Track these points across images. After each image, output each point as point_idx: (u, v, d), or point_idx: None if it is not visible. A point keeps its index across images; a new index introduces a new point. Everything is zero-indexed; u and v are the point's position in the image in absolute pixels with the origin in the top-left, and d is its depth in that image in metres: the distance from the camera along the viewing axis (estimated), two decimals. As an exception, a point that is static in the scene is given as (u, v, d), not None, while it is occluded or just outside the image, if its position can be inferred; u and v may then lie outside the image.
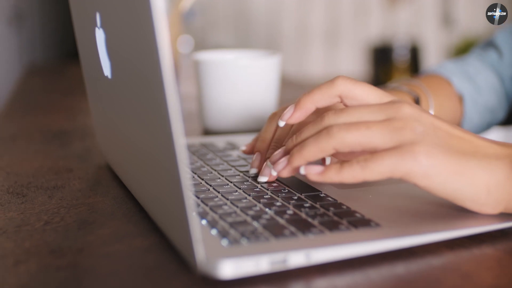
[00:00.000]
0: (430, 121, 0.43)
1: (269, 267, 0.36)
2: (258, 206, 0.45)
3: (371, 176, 0.41)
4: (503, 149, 0.43)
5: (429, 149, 0.40)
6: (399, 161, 0.40)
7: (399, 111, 0.43)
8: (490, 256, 0.40)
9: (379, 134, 0.41)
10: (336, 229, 0.41)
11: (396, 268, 0.38)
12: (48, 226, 0.45)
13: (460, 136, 0.43)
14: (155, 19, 0.31)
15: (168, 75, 0.32)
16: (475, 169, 0.41)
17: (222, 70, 0.73)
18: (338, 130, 0.42)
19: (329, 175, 0.42)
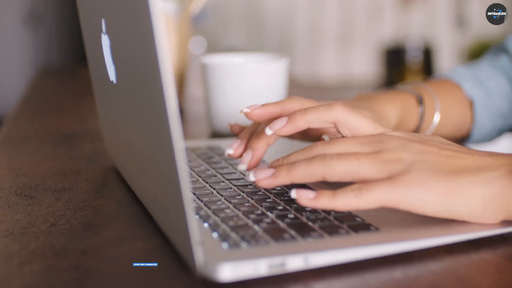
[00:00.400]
0: (418, 149, 0.43)
1: (267, 270, 0.37)
2: (260, 209, 0.45)
3: (365, 205, 0.41)
4: (496, 159, 0.43)
5: (418, 176, 0.41)
6: (392, 190, 0.41)
7: (387, 143, 0.44)
8: (488, 261, 0.40)
9: (369, 165, 0.42)
10: (336, 233, 0.41)
11: (394, 272, 0.38)
12: (54, 228, 0.45)
13: (450, 155, 0.43)
14: (154, 25, 0.32)
15: (167, 81, 0.33)
16: (468, 185, 0.41)
17: (229, 74, 0.74)
18: (331, 158, 0.43)
19: (322, 201, 0.41)
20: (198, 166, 0.58)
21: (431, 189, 0.41)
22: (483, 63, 0.76)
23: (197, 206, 0.46)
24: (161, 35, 0.32)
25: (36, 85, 1.27)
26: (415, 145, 0.43)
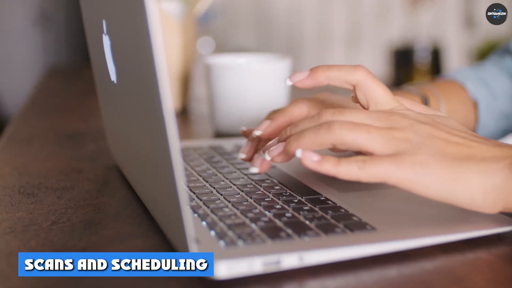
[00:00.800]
0: (427, 131, 0.43)
1: (262, 268, 0.37)
2: (258, 208, 0.46)
3: (366, 178, 0.41)
4: (502, 150, 0.43)
5: (424, 159, 0.41)
6: (396, 168, 0.41)
7: (397, 121, 0.44)
8: (483, 261, 0.40)
9: (379, 140, 0.42)
10: (332, 232, 0.42)
11: (389, 271, 0.39)
12: (55, 226, 0.46)
13: (458, 142, 0.44)
14: (150, 26, 0.33)
15: (163, 81, 0.33)
16: (471, 173, 0.42)
17: (233, 74, 0.75)
18: (340, 127, 0.42)
19: (326, 166, 0.41)
20: (199, 165, 0.58)
21: (434, 173, 0.41)
22: (488, 64, 0.76)
23: (196, 205, 0.47)
24: (156, 35, 0.33)
25: (43, 85, 1.28)
26: (425, 127, 0.43)
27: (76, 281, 0.38)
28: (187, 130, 0.86)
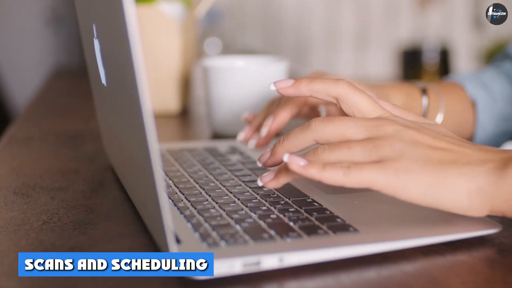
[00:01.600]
0: (411, 137, 0.44)
1: (242, 268, 0.38)
2: (244, 210, 0.47)
3: (350, 183, 0.42)
4: (486, 155, 0.44)
5: (406, 164, 0.42)
6: (379, 174, 0.42)
7: (381, 129, 0.44)
8: (463, 263, 0.41)
9: (360, 152, 0.43)
10: (315, 233, 0.42)
11: (368, 273, 0.39)
12: (46, 226, 0.47)
13: (443, 147, 0.44)
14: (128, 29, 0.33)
15: (141, 84, 0.34)
16: (454, 177, 0.42)
17: (230, 76, 0.75)
18: (322, 152, 0.44)
19: (311, 171, 0.42)
20: (191, 167, 0.59)
21: (418, 178, 0.42)
22: (488, 69, 0.76)
23: (183, 206, 0.47)
24: (135, 39, 0.33)
25: (48, 86, 1.30)
26: (409, 133, 0.44)
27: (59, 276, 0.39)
28: (186, 132, 0.87)
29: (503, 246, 0.43)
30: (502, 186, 0.42)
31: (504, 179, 0.42)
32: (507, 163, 0.42)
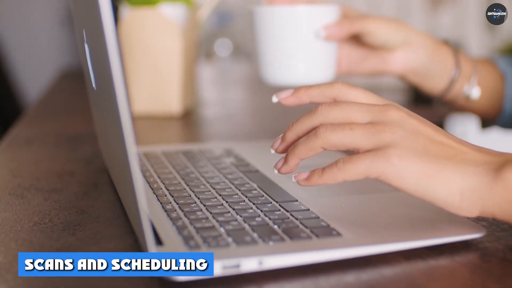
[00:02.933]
0: (413, 126, 0.44)
1: (221, 271, 0.38)
2: (231, 212, 0.47)
3: (348, 177, 0.43)
4: (483, 156, 0.44)
5: (403, 152, 0.42)
6: (373, 162, 0.42)
7: (386, 114, 0.45)
8: (444, 268, 0.41)
9: (361, 136, 0.44)
10: (297, 237, 0.42)
11: (347, 276, 0.39)
12: (36, 227, 0.48)
13: (442, 142, 0.44)
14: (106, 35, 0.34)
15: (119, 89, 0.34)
16: (449, 173, 0.42)
17: (277, 20, 0.71)
18: (324, 131, 0.45)
19: (313, 179, 0.45)
20: (184, 169, 0.60)
21: (412, 167, 0.42)
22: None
23: (171, 208, 0.48)
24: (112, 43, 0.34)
25: (54, 87, 1.31)
26: (412, 122, 0.45)
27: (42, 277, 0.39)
28: (187, 134, 0.88)
29: (486, 251, 0.43)
30: (494, 188, 0.42)
31: (496, 182, 0.42)
32: (502, 166, 0.42)
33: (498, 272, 0.40)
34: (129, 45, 0.91)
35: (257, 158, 0.64)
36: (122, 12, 0.92)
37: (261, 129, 0.89)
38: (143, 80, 0.92)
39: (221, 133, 0.89)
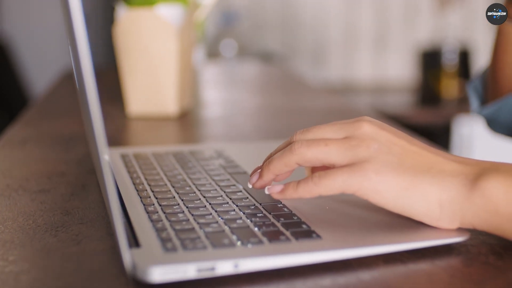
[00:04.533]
0: (387, 138, 0.44)
1: (196, 274, 0.38)
2: (213, 215, 0.47)
3: (324, 191, 0.44)
4: (460, 166, 0.43)
5: (379, 166, 0.42)
6: (350, 178, 0.43)
7: (358, 129, 0.45)
8: (423, 272, 0.40)
9: (336, 151, 0.44)
10: (276, 239, 0.42)
11: (324, 280, 0.39)
12: (20, 228, 0.48)
13: (417, 152, 0.44)
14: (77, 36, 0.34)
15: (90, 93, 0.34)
16: (426, 184, 0.42)
17: None
18: (299, 147, 0.45)
19: (288, 192, 0.46)
20: (172, 171, 0.60)
21: (389, 181, 0.42)
22: None
23: (153, 210, 0.48)
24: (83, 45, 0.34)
25: (55, 88, 1.32)
26: (385, 134, 0.44)
27: (16, 274, 0.39)
28: (182, 135, 0.87)
29: (468, 255, 0.43)
30: (472, 198, 0.42)
31: (474, 192, 0.42)
32: (479, 176, 0.42)
33: (478, 276, 0.40)
34: (125, 46, 0.91)
35: (247, 160, 0.63)
36: (118, 13, 0.92)
37: (257, 131, 0.88)
38: (139, 81, 0.92)
39: (217, 134, 0.89)
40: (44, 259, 0.43)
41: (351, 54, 2.94)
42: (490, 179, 0.41)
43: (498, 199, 0.41)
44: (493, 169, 0.42)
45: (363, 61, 2.95)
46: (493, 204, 0.41)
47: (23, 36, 2.85)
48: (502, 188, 0.41)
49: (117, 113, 0.97)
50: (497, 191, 0.41)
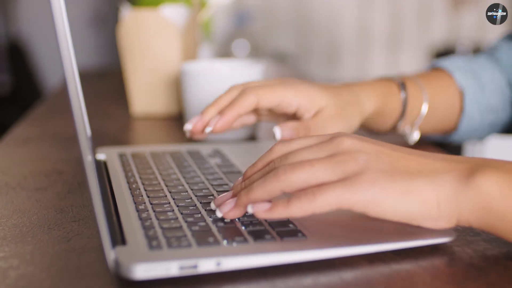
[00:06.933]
0: (372, 148, 0.43)
1: (178, 271, 0.39)
2: (202, 213, 0.47)
3: (319, 209, 0.41)
4: (449, 163, 0.43)
5: (373, 176, 0.41)
6: (346, 191, 0.40)
7: (340, 145, 0.43)
8: (406, 272, 0.41)
9: (324, 170, 0.42)
10: (261, 238, 0.43)
11: (305, 279, 0.39)
12: (13, 225, 0.49)
13: (404, 157, 0.43)
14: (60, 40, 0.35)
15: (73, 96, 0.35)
16: (423, 186, 0.41)
17: (204, 80, 0.77)
18: (284, 172, 0.42)
19: (277, 211, 0.42)
20: (167, 170, 0.60)
21: (386, 188, 0.41)
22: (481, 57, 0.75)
23: (143, 208, 0.49)
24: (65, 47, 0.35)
25: (64, 87, 1.33)
26: (368, 145, 0.43)
27: (5, 270, 0.40)
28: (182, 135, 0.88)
29: (453, 256, 0.43)
30: (468, 195, 0.41)
31: (469, 188, 0.41)
32: (473, 172, 0.41)
33: (461, 277, 0.40)
34: (129, 46, 0.92)
35: (243, 159, 0.64)
36: (122, 13, 0.93)
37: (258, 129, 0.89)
38: (143, 81, 0.93)
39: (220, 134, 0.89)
40: (34, 256, 0.43)
41: (365, 54, 2.93)
42: (485, 175, 0.41)
43: (494, 195, 0.40)
44: (486, 165, 0.42)
45: (376, 61, 2.94)
46: (488, 200, 0.40)
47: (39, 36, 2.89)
48: (497, 184, 0.40)
49: (121, 113, 0.98)
50: (492, 187, 0.40)
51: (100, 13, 2.93)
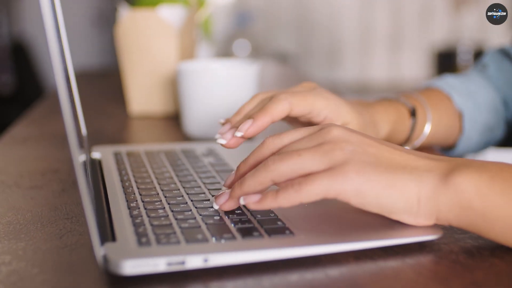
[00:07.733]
0: (359, 139, 0.44)
1: (166, 267, 0.39)
2: (192, 211, 0.48)
3: (306, 198, 0.42)
4: (432, 162, 0.44)
5: (359, 167, 0.42)
6: (331, 181, 0.42)
7: (328, 134, 0.45)
8: (391, 269, 0.41)
9: (311, 159, 0.43)
10: (249, 236, 0.43)
11: (291, 276, 0.40)
12: (7, 223, 0.50)
13: (390, 151, 0.45)
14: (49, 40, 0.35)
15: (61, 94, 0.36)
16: (406, 181, 0.42)
17: (201, 79, 0.78)
18: (273, 162, 0.44)
19: (266, 202, 0.43)
20: (160, 168, 0.61)
21: (371, 180, 0.42)
22: (473, 74, 0.76)
23: (135, 206, 0.49)
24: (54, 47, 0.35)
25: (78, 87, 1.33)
26: (356, 136, 0.45)
27: None
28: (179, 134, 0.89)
29: (439, 253, 0.43)
30: (446, 194, 0.42)
31: (448, 186, 0.42)
32: (451, 171, 0.43)
33: (445, 274, 0.40)
34: (126, 46, 0.92)
35: (236, 158, 0.64)
36: (120, 14, 0.93)
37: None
38: (140, 80, 0.93)
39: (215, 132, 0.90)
40: (26, 252, 0.44)
41: (366, 54, 2.93)
42: (461, 174, 0.42)
43: (470, 193, 0.41)
44: (465, 164, 0.43)
45: (377, 62, 2.94)
46: (465, 199, 0.42)
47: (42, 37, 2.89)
48: (473, 182, 0.42)
49: (119, 112, 0.99)
50: (469, 186, 0.42)
51: (104, 13, 2.94)
